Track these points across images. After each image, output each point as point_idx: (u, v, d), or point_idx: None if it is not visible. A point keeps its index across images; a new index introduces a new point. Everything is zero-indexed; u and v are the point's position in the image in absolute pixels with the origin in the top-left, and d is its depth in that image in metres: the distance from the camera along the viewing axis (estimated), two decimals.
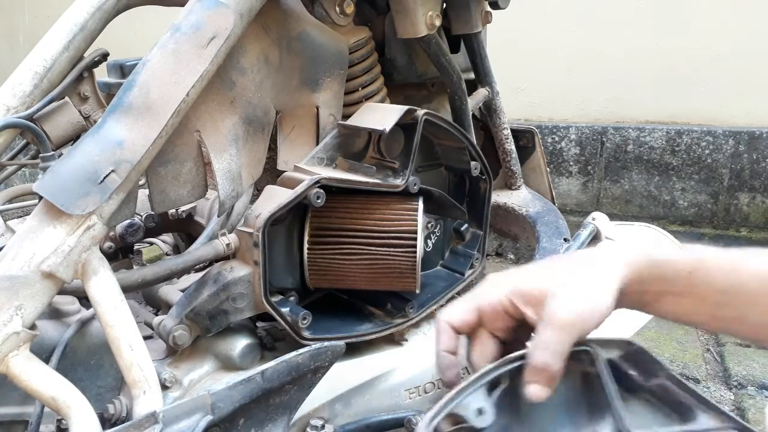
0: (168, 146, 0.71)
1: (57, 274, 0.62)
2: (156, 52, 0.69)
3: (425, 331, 0.94)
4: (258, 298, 0.76)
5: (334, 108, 0.88)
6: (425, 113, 0.83)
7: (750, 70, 2.47)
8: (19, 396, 0.71)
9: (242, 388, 0.64)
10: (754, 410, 1.71)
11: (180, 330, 0.76)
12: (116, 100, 0.67)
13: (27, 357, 0.62)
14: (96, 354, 0.76)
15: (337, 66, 0.87)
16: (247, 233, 0.76)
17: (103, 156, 0.64)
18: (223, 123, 0.76)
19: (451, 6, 1.02)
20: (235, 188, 0.77)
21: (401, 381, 0.88)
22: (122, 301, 0.66)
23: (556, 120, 2.77)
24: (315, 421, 0.81)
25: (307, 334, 0.80)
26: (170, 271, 0.75)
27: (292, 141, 0.87)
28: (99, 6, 0.89)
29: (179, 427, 0.60)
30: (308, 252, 0.82)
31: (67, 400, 0.61)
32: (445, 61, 0.97)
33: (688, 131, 2.57)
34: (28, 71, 0.86)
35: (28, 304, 0.62)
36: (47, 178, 0.63)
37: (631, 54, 2.58)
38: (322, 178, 0.77)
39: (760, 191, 2.52)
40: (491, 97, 1.15)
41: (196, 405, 0.61)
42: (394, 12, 0.92)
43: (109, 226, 0.66)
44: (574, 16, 2.62)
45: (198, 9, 0.71)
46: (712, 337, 2.10)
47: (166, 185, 0.73)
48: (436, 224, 0.94)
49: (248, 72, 0.78)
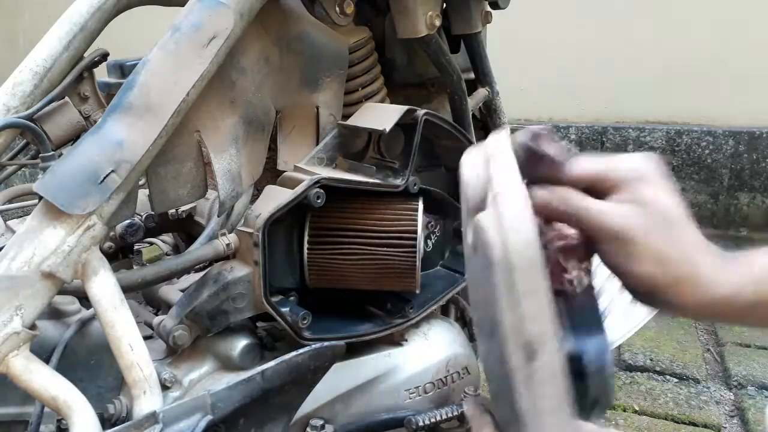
0: (168, 146, 0.71)
1: (57, 274, 0.62)
2: (156, 52, 0.69)
3: (425, 331, 0.94)
4: (258, 298, 0.76)
5: (334, 108, 0.88)
6: (425, 113, 0.83)
7: (750, 70, 2.47)
8: (19, 396, 0.71)
9: (242, 388, 0.64)
10: (754, 410, 1.71)
11: (180, 330, 0.76)
12: (116, 100, 0.67)
13: (27, 357, 0.62)
14: (96, 354, 0.76)
15: (337, 66, 0.87)
16: (247, 233, 0.76)
17: (103, 156, 0.64)
18: (223, 123, 0.76)
19: (451, 6, 1.02)
20: (235, 188, 0.77)
21: (401, 381, 0.88)
22: (122, 301, 0.66)
23: (556, 120, 2.77)
24: (315, 421, 0.81)
25: (307, 334, 0.80)
26: (170, 271, 0.75)
27: (292, 141, 0.87)
28: (99, 6, 0.88)
29: (179, 427, 0.60)
30: (308, 252, 0.82)
31: (67, 400, 0.61)
32: (445, 61, 0.97)
33: (688, 131, 2.57)
34: (28, 71, 0.86)
35: (28, 304, 0.62)
36: (47, 178, 0.63)
37: (631, 54, 2.58)
38: (322, 178, 0.77)
39: (760, 191, 2.52)
40: (491, 97, 1.15)
41: (196, 405, 0.62)
42: (394, 12, 0.92)
43: (109, 226, 0.66)
44: (574, 15, 2.62)
45: (198, 9, 0.71)
46: (712, 337, 2.10)
47: (166, 185, 0.73)
48: (436, 224, 0.94)
49: (248, 72, 0.78)
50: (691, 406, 1.76)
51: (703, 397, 1.80)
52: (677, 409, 1.75)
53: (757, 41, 2.43)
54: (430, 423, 0.85)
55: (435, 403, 0.90)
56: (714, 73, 2.50)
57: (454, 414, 0.87)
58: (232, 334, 0.80)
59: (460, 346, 0.94)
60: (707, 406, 1.76)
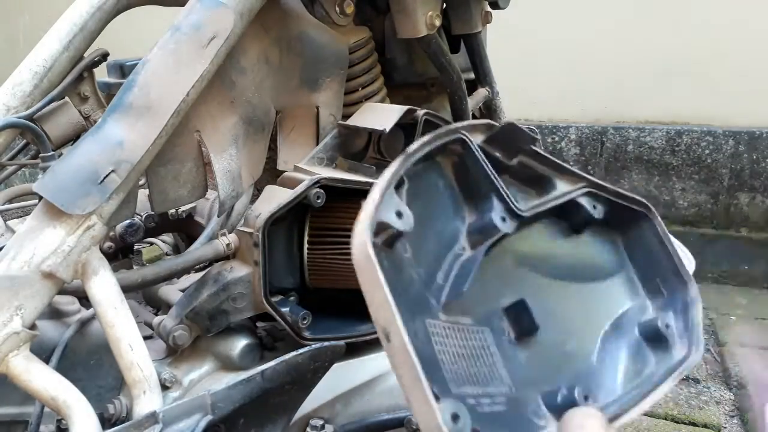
0: (168, 146, 0.71)
1: (57, 274, 0.62)
2: (156, 52, 0.69)
3: None
4: (258, 298, 0.76)
5: (334, 108, 0.88)
6: (425, 113, 0.83)
7: (750, 70, 2.47)
8: (19, 396, 0.71)
9: (242, 388, 0.64)
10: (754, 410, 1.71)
11: (180, 330, 0.76)
12: (116, 100, 0.67)
13: (27, 357, 0.62)
14: (96, 354, 0.76)
15: (337, 66, 0.87)
16: (247, 233, 0.76)
17: (103, 156, 0.64)
18: (223, 123, 0.76)
19: (451, 6, 1.02)
20: (235, 188, 0.77)
21: None
22: (122, 301, 0.66)
23: (556, 120, 2.77)
24: (315, 421, 0.81)
25: (307, 334, 0.80)
26: (170, 271, 0.75)
27: (292, 141, 0.87)
28: (99, 6, 0.89)
29: (179, 427, 0.60)
30: (308, 252, 0.82)
31: (67, 400, 0.61)
32: (445, 61, 0.97)
33: (688, 131, 2.57)
34: (28, 71, 0.86)
35: (28, 304, 0.62)
36: (47, 178, 0.63)
37: (631, 54, 2.58)
38: (322, 178, 0.77)
39: (760, 191, 2.52)
40: (491, 97, 1.15)
41: (196, 405, 0.62)
42: (394, 12, 0.92)
43: (109, 226, 0.66)
44: (574, 15, 2.62)
45: (198, 9, 0.71)
46: (712, 337, 2.10)
47: (166, 185, 0.73)
48: None
49: (248, 72, 0.78)
50: (691, 406, 1.76)
51: (703, 397, 1.80)
52: (677, 409, 1.75)
53: (757, 41, 2.43)
54: None
55: None
56: (714, 73, 2.50)
57: None
58: (232, 334, 0.80)
59: None
60: (707, 406, 1.76)
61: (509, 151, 0.55)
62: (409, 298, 0.48)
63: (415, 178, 0.51)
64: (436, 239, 0.53)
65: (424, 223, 0.51)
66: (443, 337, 0.49)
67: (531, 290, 0.55)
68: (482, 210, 0.54)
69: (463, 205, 0.54)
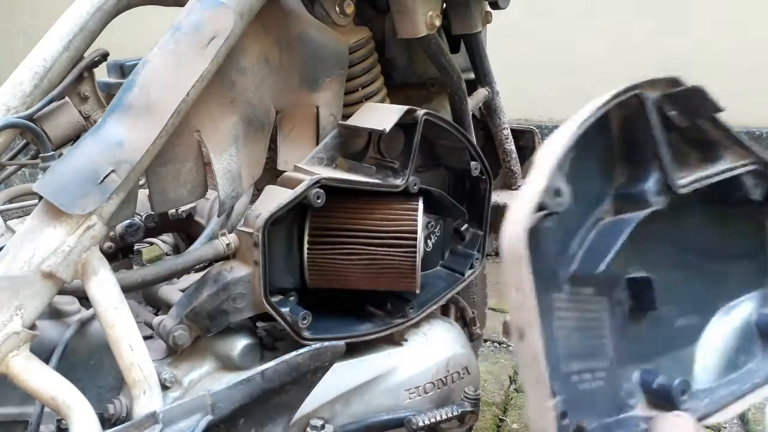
0: (168, 146, 0.71)
1: (57, 274, 0.62)
2: (156, 52, 0.69)
3: (425, 331, 0.94)
4: (258, 298, 0.76)
5: (334, 108, 0.88)
6: (425, 113, 0.83)
7: (750, 70, 2.47)
8: (19, 396, 0.71)
9: (242, 388, 0.64)
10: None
11: (180, 330, 0.76)
12: (116, 100, 0.67)
13: (27, 357, 0.62)
14: (96, 354, 0.76)
15: (337, 66, 0.87)
16: (247, 233, 0.76)
17: (103, 156, 0.64)
18: (223, 123, 0.76)
19: (451, 6, 1.02)
20: (235, 188, 0.77)
21: (401, 381, 0.88)
22: (122, 301, 0.66)
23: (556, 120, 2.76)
24: (315, 421, 0.81)
25: (307, 334, 0.80)
26: (170, 271, 0.75)
27: (292, 141, 0.87)
28: (99, 6, 0.89)
29: (179, 427, 0.60)
30: (308, 252, 0.82)
31: (67, 400, 0.61)
32: (445, 61, 0.97)
33: None
34: (28, 71, 0.86)
35: (28, 304, 0.62)
36: (47, 178, 0.63)
37: (632, 54, 2.58)
38: (322, 178, 0.77)
39: None
40: (491, 97, 1.15)
41: (196, 405, 0.62)
42: (394, 12, 0.92)
43: (109, 226, 0.66)
44: (574, 15, 2.62)
45: (198, 9, 0.71)
46: None
47: (166, 185, 0.73)
48: (436, 224, 0.94)
49: (248, 72, 0.78)
50: None
51: None
52: None
53: (757, 41, 2.43)
54: (430, 423, 0.85)
55: (435, 403, 0.90)
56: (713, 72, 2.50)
57: (454, 414, 0.87)
58: (232, 334, 0.80)
59: (460, 346, 0.94)
60: None
61: (687, 114, 0.51)
62: (542, 277, 0.44)
63: (579, 138, 0.47)
64: (580, 198, 0.49)
65: (573, 181, 0.48)
66: (564, 311, 0.48)
67: (660, 265, 0.52)
68: (637, 176, 0.50)
69: (616, 165, 0.51)
